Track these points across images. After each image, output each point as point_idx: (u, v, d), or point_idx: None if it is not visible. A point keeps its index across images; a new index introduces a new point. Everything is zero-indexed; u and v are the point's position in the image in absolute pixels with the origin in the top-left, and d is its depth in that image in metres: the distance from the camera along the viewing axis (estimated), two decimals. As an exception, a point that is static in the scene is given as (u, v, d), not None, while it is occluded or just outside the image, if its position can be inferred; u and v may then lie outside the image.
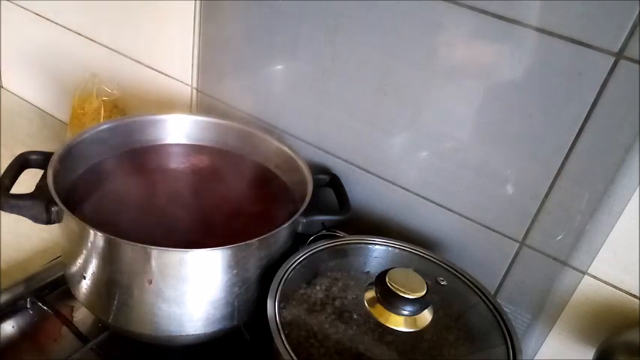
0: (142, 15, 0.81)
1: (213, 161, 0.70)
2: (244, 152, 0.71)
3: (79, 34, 0.90)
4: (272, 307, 0.48)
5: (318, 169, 0.70)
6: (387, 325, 0.48)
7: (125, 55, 0.86)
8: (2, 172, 0.56)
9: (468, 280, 0.56)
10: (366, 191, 0.69)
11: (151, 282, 0.51)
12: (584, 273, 0.56)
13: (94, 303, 0.56)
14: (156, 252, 0.49)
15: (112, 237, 0.49)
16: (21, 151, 0.59)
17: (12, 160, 0.58)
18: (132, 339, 0.56)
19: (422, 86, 0.60)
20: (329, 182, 0.68)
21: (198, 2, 0.74)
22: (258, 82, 0.73)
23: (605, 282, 0.55)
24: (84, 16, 0.88)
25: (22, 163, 0.58)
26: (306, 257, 0.55)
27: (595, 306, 0.57)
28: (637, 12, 0.47)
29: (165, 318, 0.52)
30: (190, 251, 0.50)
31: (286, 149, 0.67)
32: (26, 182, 0.57)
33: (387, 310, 0.48)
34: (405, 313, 0.48)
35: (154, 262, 0.50)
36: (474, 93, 0.57)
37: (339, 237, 0.59)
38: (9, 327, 0.60)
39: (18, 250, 0.72)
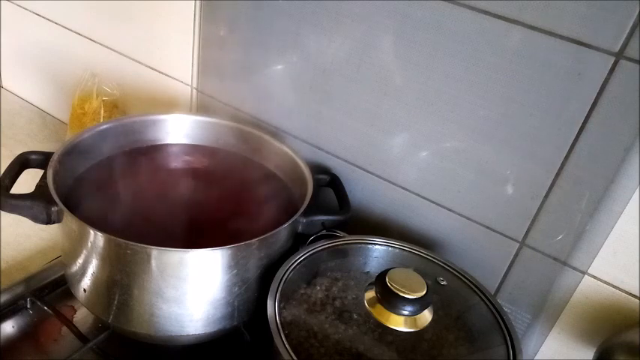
0: (142, 15, 0.81)
1: (213, 161, 0.70)
2: (244, 152, 0.71)
3: (79, 34, 0.90)
4: (272, 307, 0.48)
5: (318, 169, 0.69)
6: (387, 325, 0.48)
7: (125, 55, 0.86)
8: (2, 172, 0.56)
9: (468, 280, 0.56)
10: (366, 191, 0.69)
11: None
12: (584, 273, 0.56)
13: (94, 303, 0.56)
14: (156, 252, 0.49)
15: (112, 237, 0.49)
16: (21, 151, 0.59)
17: (12, 160, 0.58)
18: (132, 339, 0.56)
19: (422, 86, 0.60)
20: (329, 182, 0.68)
21: (198, 2, 0.74)
22: (258, 82, 0.73)
23: (605, 282, 0.55)
24: (84, 16, 0.88)
25: (22, 163, 0.58)
26: (306, 257, 0.55)
27: (595, 306, 0.57)
28: (637, 12, 0.47)
29: (165, 318, 0.52)
30: (190, 251, 0.50)
31: (286, 149, 0.67)
32: (26, 182, 0.57)
33: (387, 310, 0.48)
34: (405, 313, 0.48)
35: (154, 262, 0.50)
36: (474, 93, 0.57)
37: (339, 237, 0.59)
38: (9, 327, 0.60)
39: (18, 250, 0.72)
